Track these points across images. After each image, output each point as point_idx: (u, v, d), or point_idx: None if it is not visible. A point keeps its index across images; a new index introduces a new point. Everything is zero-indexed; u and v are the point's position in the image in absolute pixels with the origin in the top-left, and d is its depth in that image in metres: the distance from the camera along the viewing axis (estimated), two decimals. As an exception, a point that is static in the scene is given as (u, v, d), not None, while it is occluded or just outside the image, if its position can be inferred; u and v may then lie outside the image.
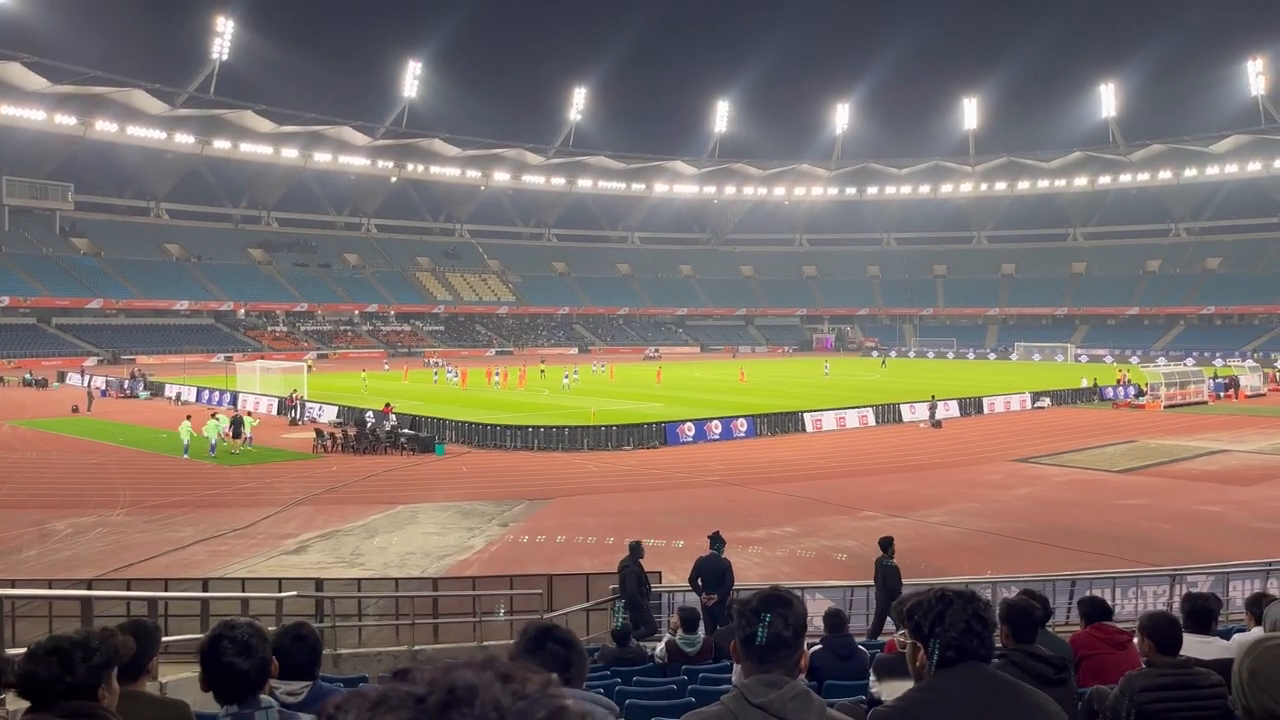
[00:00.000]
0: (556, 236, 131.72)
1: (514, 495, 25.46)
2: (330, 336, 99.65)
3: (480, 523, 22.24)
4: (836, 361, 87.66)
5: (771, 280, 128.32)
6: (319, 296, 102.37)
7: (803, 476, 28.59)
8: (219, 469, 29.84)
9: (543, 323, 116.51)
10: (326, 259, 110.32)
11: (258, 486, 26.93)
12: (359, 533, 21.18)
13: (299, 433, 38.20)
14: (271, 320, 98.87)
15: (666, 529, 21.19)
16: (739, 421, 37.85)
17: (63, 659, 2.50)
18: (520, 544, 20.25)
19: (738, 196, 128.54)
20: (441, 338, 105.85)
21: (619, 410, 42.38)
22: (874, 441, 36.82)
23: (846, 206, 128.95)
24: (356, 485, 27.26)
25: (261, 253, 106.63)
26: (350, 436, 34.22)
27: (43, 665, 2.48)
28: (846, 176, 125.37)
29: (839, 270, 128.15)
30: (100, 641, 2.57)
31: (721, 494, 25.83)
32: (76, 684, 2.48)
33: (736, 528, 19.93)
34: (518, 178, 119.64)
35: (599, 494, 25.84)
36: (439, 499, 25.03)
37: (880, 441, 36.77)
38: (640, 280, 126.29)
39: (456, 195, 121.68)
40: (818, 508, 23.74)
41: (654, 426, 35.95)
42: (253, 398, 47.44)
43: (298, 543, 20.23)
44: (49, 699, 2.45)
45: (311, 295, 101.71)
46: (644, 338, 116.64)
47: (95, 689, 2.49)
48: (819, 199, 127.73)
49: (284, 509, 23.58)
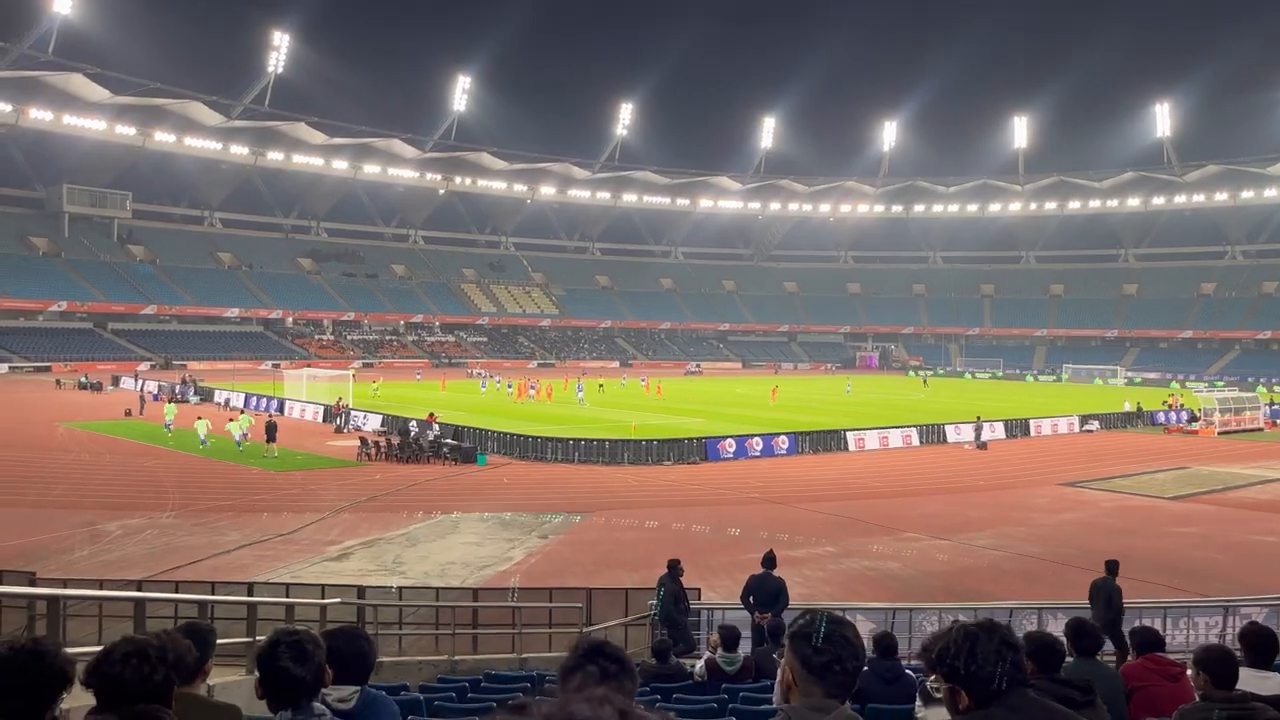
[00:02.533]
0: (600, 250, 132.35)
1: (554, 507, 25.53)
2: (376, 346, 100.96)
3: (520, 534, 22.32)
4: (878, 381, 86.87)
5: (815, 297, 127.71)
6: (366, 306, 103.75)
7: (844, 496, 28.36)
8: (265, 474, 30.30)
9: (585, 336, 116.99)
10: (374, 269, 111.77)
11: (302, 493, 27.28)
12: (400, 541, 21.36)
13: (344, 440, 38.72)
14: (319, 329, 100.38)
15: (706, 545, 21.11)
16: (780, 438, 37.66)
17: (145, 661, 2.50)
18: (559, 556, 20.29)
19: (782, 213, 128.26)
20: (485, 349, 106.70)
21: (660, 425, 42.35)
22: (917, 462, 36.46)
23: (892, 224, 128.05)
24: (399, 494, 27.52)
25: (310, 262, 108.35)
26: (394, 445, 34.59)
27: (127, 668, 2.49)
28: (893, 194, 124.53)
29: (884, 288, 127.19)
30: (174, 644, 2.61)
31: (762, 511, 25.67)
32: (156, 686, 2.49)
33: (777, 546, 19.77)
34: (563, 191, 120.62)
35: (639, 508, 25.82)
36: (479, 509, 25.17)
37: (924, 462, 36.42)
38: (683, 295, 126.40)
39: (503, 208, 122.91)
40: (859, 527, 23.51)
41: (695, 442, 35.90)
42: (299, 404, 48.18)
43: (340, 549, 20.46)
44: (126, 700, 2.48)
45: (358, 305, 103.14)
46: (685, 353, 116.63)
47: (170, 691, 2.54)
48: (865, 216, 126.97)
49: (328, 515, 23.87)
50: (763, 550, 13.26)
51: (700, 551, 20.18)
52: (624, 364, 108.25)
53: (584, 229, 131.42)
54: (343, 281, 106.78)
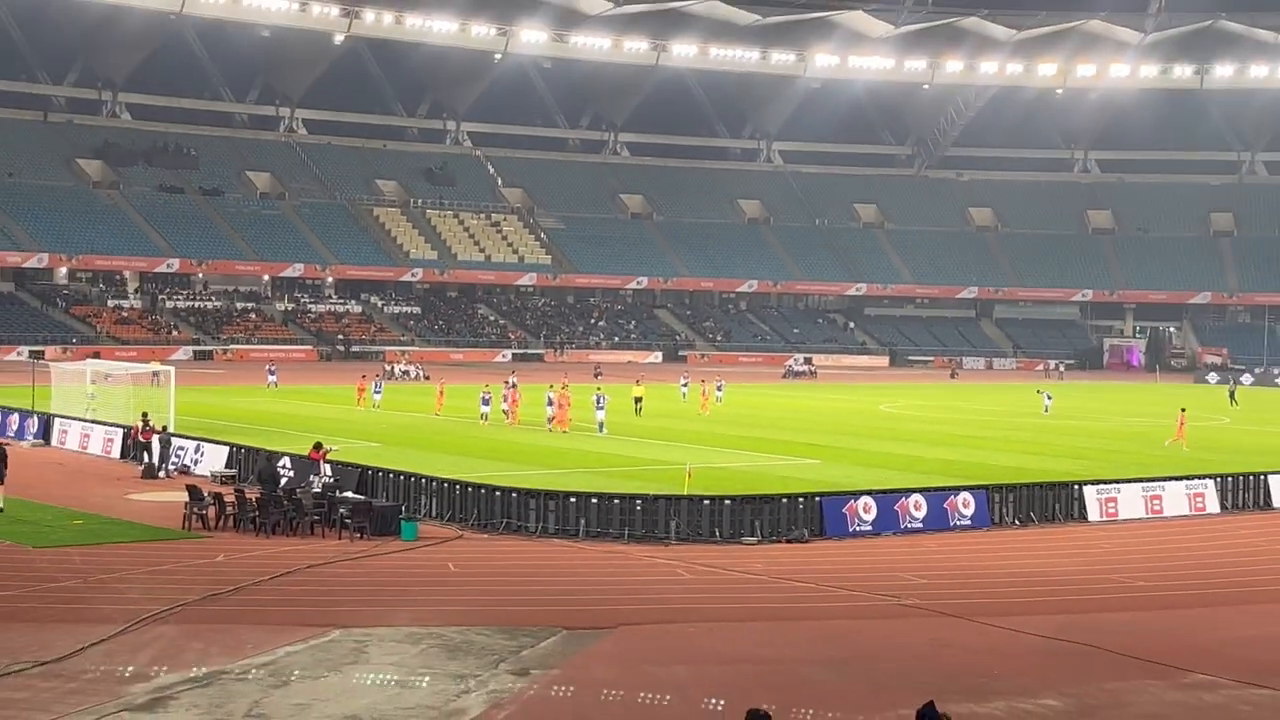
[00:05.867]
0: (628, 147, 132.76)
1: (540, 619, 25.52)
2: (219, 319, 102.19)
3: (479, 667, 22.32)
4: (1150, 390, 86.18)
5: (1026, 236, 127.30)
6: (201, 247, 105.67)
7: (1081, 604, 28.15)
8: (19, 552, 30.53)
9: (599, 304, 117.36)
10: (216, 179, 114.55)
11: (84, 586, 27.40)
12: (261, 677, 21.42)
13: (159, 491, 38.80)
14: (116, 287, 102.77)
15: (822, 693, 21.04)
16: (961, 497, 37.35)
17: None
18: (550, 714, 20.31)
19: (967, 77, 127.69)
20: (417, 328, 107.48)
21: (737, 469, 42.22)
22: (1216, 540, 36.20)
23: (1172, 101, 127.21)
24: (258, 590, 27.63)
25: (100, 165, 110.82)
26: (250, 502, 34.71)
27: None
28: (1173, 45, 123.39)
29: (1156, 218, 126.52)
30: None
31: (923, 630, 25.55)
32: None
33: (952, 694, 19.67)
34: (561, 37, 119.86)
35: (695, 624, 25.78)
36: (404, 620, 25.19)
37: (1229, 541, 36.18)
38: (781, 230, 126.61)
39: (451, 67, 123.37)
40: (1106, 663, 23.33)
41: (802, 501, 35.67)
42: (77, 425, 48.47)
43: (151, 692, 20.53)
44: None
45: (187, 244, 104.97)
46: (785, 337, 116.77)
47: None
48: (1119, 85, 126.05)
49: (130, 628, 24.01)
50: (919, 702, 13.20)
51: (811, 703, 20.12)
52: (671, 356, 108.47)
53: (598, 106, 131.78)
54: (159, 202, 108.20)
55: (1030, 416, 68.31)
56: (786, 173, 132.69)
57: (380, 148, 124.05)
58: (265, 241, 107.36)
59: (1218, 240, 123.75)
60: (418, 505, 35.71)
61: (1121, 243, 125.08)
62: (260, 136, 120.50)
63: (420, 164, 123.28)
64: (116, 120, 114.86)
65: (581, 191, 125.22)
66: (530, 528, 34.43)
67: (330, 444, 40.31)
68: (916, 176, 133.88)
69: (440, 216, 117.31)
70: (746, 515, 34.83)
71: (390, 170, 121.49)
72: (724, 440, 53.26)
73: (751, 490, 37.18)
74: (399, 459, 41.61)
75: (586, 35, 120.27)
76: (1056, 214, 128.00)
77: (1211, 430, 62.67)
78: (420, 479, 37.22)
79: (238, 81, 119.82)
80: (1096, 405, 77.26)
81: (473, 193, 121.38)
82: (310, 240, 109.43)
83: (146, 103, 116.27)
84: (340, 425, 55.49)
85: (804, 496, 36.16)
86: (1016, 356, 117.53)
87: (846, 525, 35.43)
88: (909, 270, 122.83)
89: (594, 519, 34.40)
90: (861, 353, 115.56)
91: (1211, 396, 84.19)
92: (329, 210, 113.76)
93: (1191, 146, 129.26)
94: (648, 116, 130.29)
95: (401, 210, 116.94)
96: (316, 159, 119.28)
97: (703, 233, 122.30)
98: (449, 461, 43.55)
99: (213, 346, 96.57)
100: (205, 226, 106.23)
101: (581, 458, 47.33)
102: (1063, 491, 39.24)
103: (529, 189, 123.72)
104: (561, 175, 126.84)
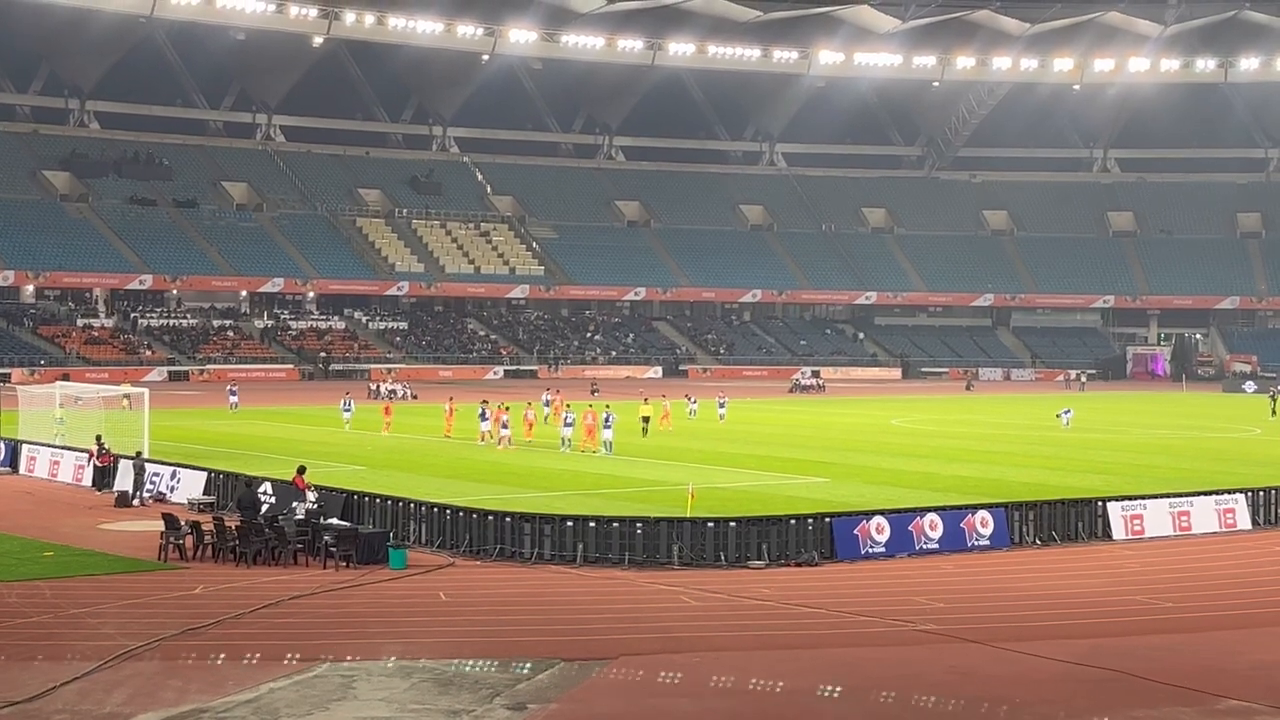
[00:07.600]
0: (624, 151, 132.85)
1: (537, 650, 25.52)
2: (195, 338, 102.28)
3: (473, 701, 22.32)
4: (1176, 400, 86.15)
5: (1043, 239, 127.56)
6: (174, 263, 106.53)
7: (1105, 628, 28.14)
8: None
9: (595, 317, 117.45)
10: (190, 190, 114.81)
11: (55, 622, 27.43)
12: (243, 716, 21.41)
13: (134, 520, 38.80)
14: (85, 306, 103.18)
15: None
16: (979, 516, 37.36)
17: None
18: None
19: (979, 74, 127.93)
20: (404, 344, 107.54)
21: (741, 489, 42.18)
22: (1248, 558, 36.23)
23: (1194, 95, 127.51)
24: (240, 623, 27.62)
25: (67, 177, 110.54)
26: (230, 530, 34.72)
27: None
28: (1194, 37, 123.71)
29: (1180, 219, 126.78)
30: None
31: (940, 657, 25.56)
32: None
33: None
34: (551, 36, 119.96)
35: (700, 653, 25.77)
36: (394, 651, 25.20)
37: (1262, 558, 36.21)
38: (785, 236, 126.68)
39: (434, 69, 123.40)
40: (1134, 690, 23.31)
41: (811, 522, 35.70)
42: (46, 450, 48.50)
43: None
44: None
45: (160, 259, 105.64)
46: (791, 349, 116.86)
47: None
48: (1139, 80, 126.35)
49: (104, 665, 23.99)
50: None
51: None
52: (671, 371, 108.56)
53: (591, 109, 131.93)
54: (130, 215, 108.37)
55: (1050, 430, 68.41)
56: (790, 176, 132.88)
57: (362, 155, 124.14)
58: (242, 255, 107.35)
59: (1245, 242, 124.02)
60: (406, 531, 35.77)
61: (1144, 245, 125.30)
62: (236, 145, 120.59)
63: (405, 172, 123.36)
64: (84, 129, 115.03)
65: (575, 198, 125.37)
66: (525, 554, 34.46)
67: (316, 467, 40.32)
68: (927, 178, 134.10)
69: (427, 227, 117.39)
70: (753, 538, 34.84)
71: (373, 179, 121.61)
72: (728, 459, 53.32)
73: (758, 511, 37.29)
74: (385, 483, 41.62)
75: (578, 34, 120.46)
76: (1075, 216, 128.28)
77: (1241, 441, 62.71)
78: (409, 504, 37.28)
79: (212, 87, 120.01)
80: (1120, 417, 77.34)
81: (461, 201, 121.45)
82: (290, 253, 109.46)
83: (116, 111, 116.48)
84: (321, 448, 55.50)
85: (813, 517, 36.21)
86: (1035, 367, 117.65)
87: (858, 547, 35.45)
88: (920, 277, 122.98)
89: (592, 543, 34.42)
90: (872, 365, 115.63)
91: (1248, 406, 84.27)
92: (309, 222, 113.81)
93: (1216, 143, 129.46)
94: (644, 119, 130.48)
95: (386, 221, 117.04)
96: (295, 168, 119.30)
97: (703, 240, 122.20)
98: (438, 485, 43.48)
99: (188, 367, 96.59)
100: (179, 240, 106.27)
101: (578, 479, 47.33)
102: (1086, 509, 39.29)
103: (520, 196, 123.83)
104: (554, 181, 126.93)
